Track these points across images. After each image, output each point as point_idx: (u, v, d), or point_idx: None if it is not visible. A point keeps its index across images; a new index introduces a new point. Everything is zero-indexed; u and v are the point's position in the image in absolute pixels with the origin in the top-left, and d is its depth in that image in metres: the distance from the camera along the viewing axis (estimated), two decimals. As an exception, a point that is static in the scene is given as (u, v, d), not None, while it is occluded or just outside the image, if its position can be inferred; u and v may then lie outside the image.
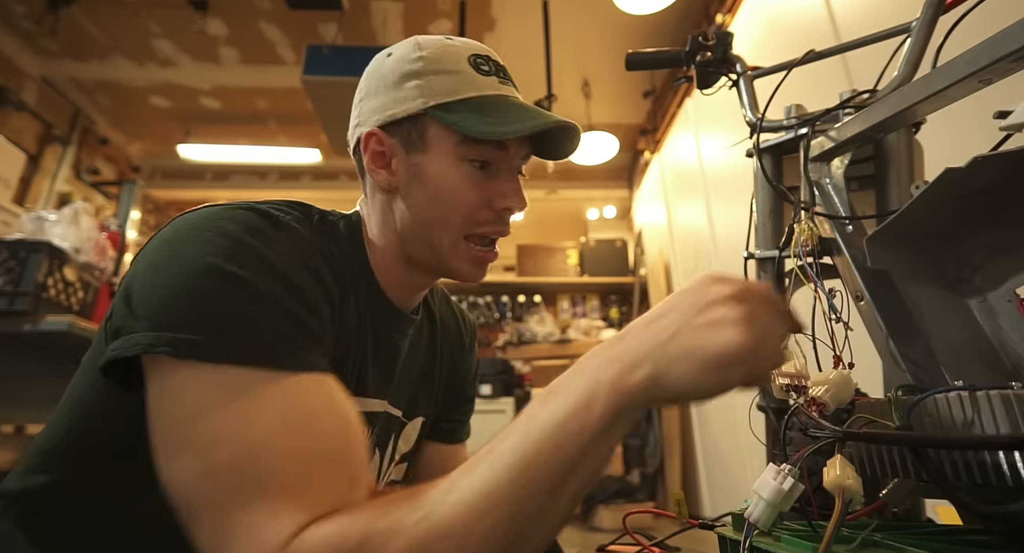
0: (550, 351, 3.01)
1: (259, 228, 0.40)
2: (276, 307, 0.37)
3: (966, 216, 0.40)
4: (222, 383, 0.34)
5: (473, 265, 0.50)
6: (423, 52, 0.49)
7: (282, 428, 0.33)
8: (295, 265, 0.40)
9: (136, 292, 0.37)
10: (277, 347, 0.36)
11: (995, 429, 0.29)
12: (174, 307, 0.35)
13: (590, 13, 2.47)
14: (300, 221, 0.45)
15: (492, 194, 0.49)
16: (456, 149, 0.47)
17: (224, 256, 0.37)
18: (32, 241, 1.40)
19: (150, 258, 0.39)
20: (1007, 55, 0.33)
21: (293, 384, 0.35)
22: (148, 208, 3.75)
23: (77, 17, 2.50)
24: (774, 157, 0.58)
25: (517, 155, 0.50)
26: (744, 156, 0.62)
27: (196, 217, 0.40)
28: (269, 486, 0.31)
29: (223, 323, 0.35)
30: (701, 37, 0.66)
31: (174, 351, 0.34)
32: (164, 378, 0.35)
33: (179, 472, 0.33)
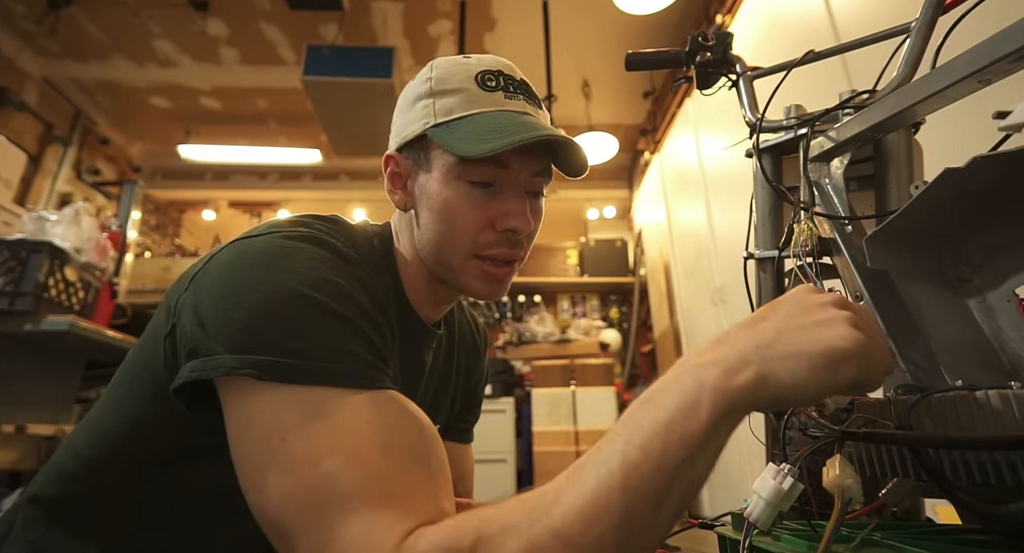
0: (550, 351, 3.01)
1: (324, 256, 0.41)
2: (351, 329, 0.38)
3: (965, 216, 0.40)
4: (304, 403, 0.34)
5: (484, 283, 0.49)
6: (433, 72, 0.50)
7: (368, 441, 0.33)
8: (358, 291, 0.41)
9: (209, 315, 0.37)
10: (354, 367, 0.36)
11: (995, 429, 0.29)
12: (254, 329, 0.36)
13: (590, 13, 2.47)
14: (350, 246, 0.46)
15: (494, 214, 0.48)
16: (454, 169, 0.47)
17: (299, 281, 0.38)
18: (33, 241, 1.41)
19: (217, 280, 0.39)
20: (1006, 55, 0.33)
21: (371, 400, 0.36)
22: (149, 208, 3.75)
23: (77, 17, 2.50)
24: (774, 157, 0.58)
25: (523, 173, 0.48)
26: (744, 156, 0.62)
27: (263, 244, 0.41)
28: (367, 494, 0.31)
29: (302, 345, 0.36)
30: (701, 37, 0.66)
31: (257, 373, 0.34)
32: (245, 400, 0.35)
33: (269, 493, 0.33)
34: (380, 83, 2.26)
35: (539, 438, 2.60)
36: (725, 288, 2.00)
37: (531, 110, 0.49)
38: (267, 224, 0.45)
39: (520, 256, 0.50)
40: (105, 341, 1.52)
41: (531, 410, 2.68)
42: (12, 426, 1.40)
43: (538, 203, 0.51)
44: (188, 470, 0.44)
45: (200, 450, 0.42)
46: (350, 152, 2.94)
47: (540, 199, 0.52)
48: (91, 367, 1.74)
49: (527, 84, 0.51)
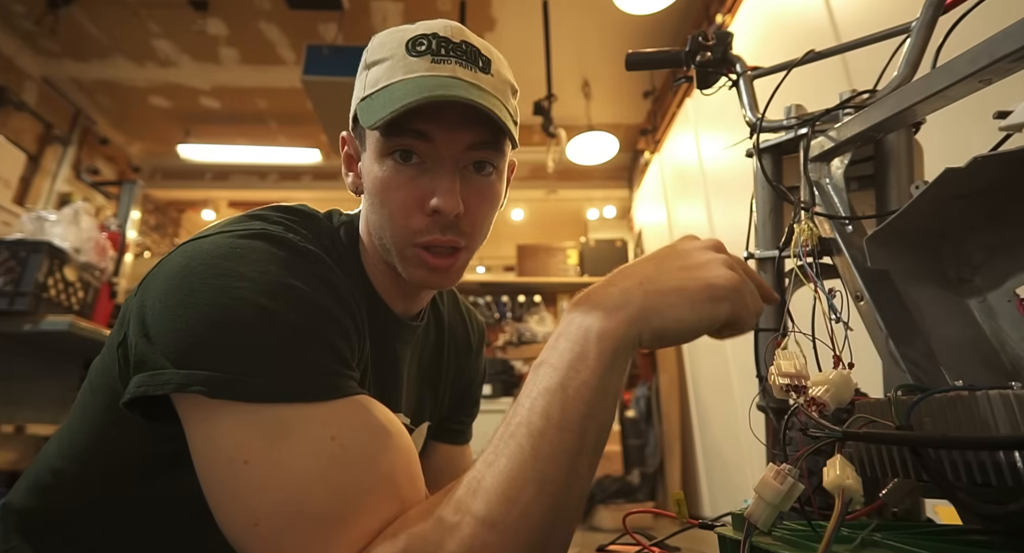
0: (550, 351, 3.01)
1: (279, 256, 0.38)
2: (308, 337, 0.36)
3: (966, 216, 0.40)
4: (259, 423, 0.33)
5: (425, 271, 0.45)
6: (371, 43, 0.47)
7: (326, 462, 0.32)
8: (320, 291, 0.38)
9: (155, 325, 0.35)
10: (311, 379, 0.34)
11: (995, 429, 0.29)
12: (201, 343, 0.33)
13: (590, 13, 2.47)
14: (311, 240, 0.42)
15: (421, 193, 0.43)
16: (379, 144, 0.43)
17: (250, 288, 0.35)
18: (32, 241, 1.40)
19: (166, 287, 0.36)
20: (1007, 55, 0.33)
21: (331, 413, 0.34)
22: (148, 208, 3.75)
23: (77, 17, 2.50)
24: (774, 157, 0.58)
25: (454, 145, 0.43)
26: (744, 156, 0.62)
27: (212, 246, 0.38)
28: (319, 523, 0.31)
29: (253, 359, 0.33)
30: (701, 37, 0.66)
31: (207, 390, 0.32)
32: (200, 420, 0.34)
33: (230, 520, 0.33)
34: (380, 83, 2.25)
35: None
36: (725, 288, 2.00)
37: (465, 73, 0.43)
38: (220, 222, 0.42)
39: (461, 244, 0.45)
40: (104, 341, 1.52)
41: (531, 410, 2.68)
42: (11, 426, 1.40)
43: (483, 180, 0.45)
44: (155, 482, 0.42)
45: (165, 462, 0.40)
46: (350, 152, 2.93)
47: (486, 175, 0.45)
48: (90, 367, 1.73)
49: (470, 45, 0.45)
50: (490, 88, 0.44)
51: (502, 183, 0.49)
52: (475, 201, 0.45)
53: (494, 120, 0.42)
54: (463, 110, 0.41)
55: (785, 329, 0.50)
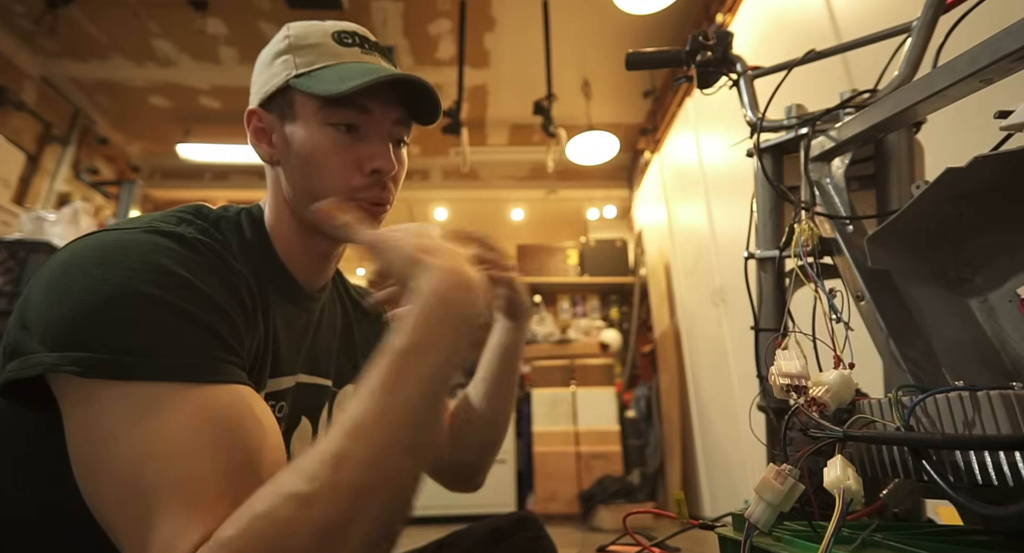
0: (550, 351, 3.01)
1: (165, 246, 0.40)
2: (189, 322, 0.37)
3: (967, 216, 0.39)
4: (131, 402, 0.33)
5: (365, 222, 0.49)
6: (289, 32, 0.52)
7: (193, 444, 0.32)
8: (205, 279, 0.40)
9: (33, 313, 0.36)
10: (188, 360, 0.35)
11: (995, 429, 0.29)
12: (75, 326, 0.34)
13: (590, 13, 2.47)
14: (203, 230, 0.46)
15: (360, 157, 0.49)
16: (318, 114, 0.49)
17: (131, 276, 0.36)
18: (31, 241, 1.40)
19: (47, 279, 0.37)
20: (1008, 55, 0.33)
21: (206, 397, 0.34)
22: (147, 208, 3.75)
23: (76, 17, 2.50)
24: (774, 157, 0.58)
25: (386, 119, 0.50)
26: (744, 156, 0.61)
27: (96, 240, 0.39)
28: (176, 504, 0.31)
29: (131, 341, 0.34)
30: (701, 37, 0.66)
31: (79, 370, 0.33)
32: (75, 401, 0.34)
33: (101, 498, 0.33)
34: (380, 83, 2.25)
35: (539, 438, 2.60)
36: (725, 288, 2.00)
37: (387, 65, 0.52)
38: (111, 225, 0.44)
39: (388, 199, 0.51)
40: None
41: (531, 410, 2.68)
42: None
43: (401, 151, 0.53)
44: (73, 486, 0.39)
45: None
46: (350, 152, 2.93)
47: (403, 148, 0.54)
48: None
49: (382, 46, 0.54)
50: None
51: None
52: (400, 169, 0.53)
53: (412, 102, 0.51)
54: (394, 93, 0.50)
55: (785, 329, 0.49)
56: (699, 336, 2.36)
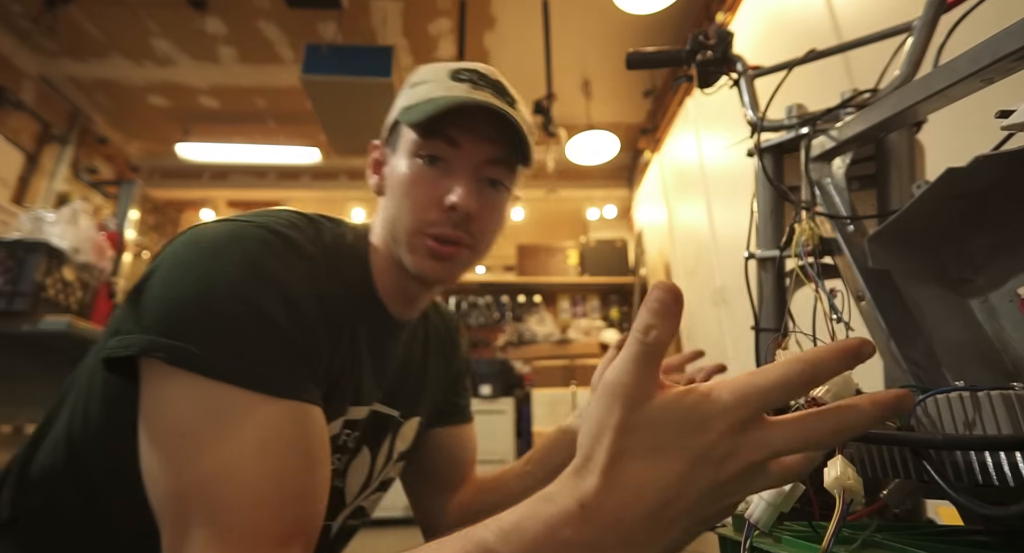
0: (550, 351, 3.01)
1: (275, 250, 0.41)
2: (277, 332, 0.37)
3: (967, 216, 0.39)
4: (207, 400, 0.34)
5: (428, 258, 0.48)
6: (416, 72, 0.53)
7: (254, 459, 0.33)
8: (303, 290, 0.40)
9: (146, 297, 0.37)
10: (271, 372, 0.36)
11: (996, 429, 0.29)
12: (177, 316, 0.35)
13: (590, 13, 2.47)
14: (312, 241, 0.46)
15: (441, 191, 0.48)
16: (411, 146, 0.49)
17: (237, 276, 0.37)
18: (30, 241, 1.40)
19: (166, 267, 0.39)
20: (1009, 54, 0.33)
21: (273, 413, 0.35)
22: (147, 208, 3.74)
23: (75, 16, 2.49)
24: (775, 157, 0.58)
25: (475, 155, 0.48)
26: (745, 156, 0.61)
27: (216, 231, 0.40)
28: (221, 522, 0.32)
29: (221, 340, 0.35)
30: (702, 36, 0.66)
31: (167, 357, 0.34)
32: (157, 384, 0.35)
33: (155, 485, 0.34)
34: (379, 82, 2.25)
35: (539, 438, 2.60)
36: (726, 288, 2.00)
37: (497, 102, 0.48)
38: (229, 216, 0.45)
39: (467, 241, 0.49)
40: (103, 341, 1.51)
41: (531, 410, 2.68)
42: (10, 426, 1.40)
43: (496, 195, 0.50)
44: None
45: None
46: (349, 151, 2.93)
47: (498, 191, 0.50)
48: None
49: (501, 83, 0.51)
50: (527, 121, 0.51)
51: (507, 204, 0.54)
52: (486, 210, 0.49)
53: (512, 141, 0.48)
54: (490, 126, 0.47)
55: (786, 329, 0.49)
56: (699, 336, 2.36)
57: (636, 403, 0.22)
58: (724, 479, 0.22)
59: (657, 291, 0.23)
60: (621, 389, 0.23)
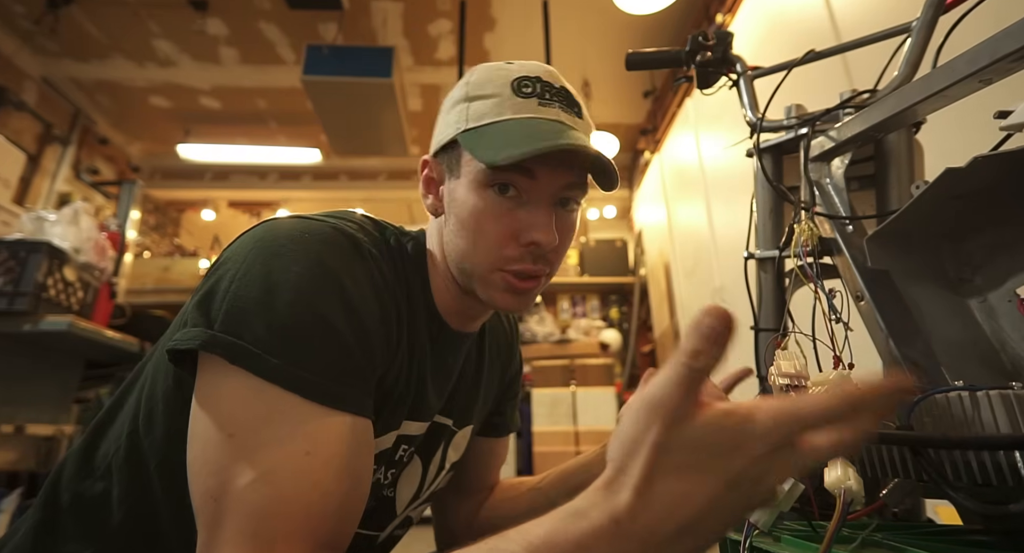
0: (550, 351, 3.01)
1: (345, 255, 0.41)
2: (336, 340, 0.37)
3: (966, 216, 0.39)
4: (263, 403, 0.34)
5: (508, 294, 0.47)
6: (472, 77, 0.49)
7: (298, 471, 0.33)
8: (368, 298, 0.41)
9: (217, 292, 0.38)
10: (327, 381, 0.36)
11: (995, 429, 0.29)
12: (243, 315, 0.36)
13: (590, 13, 2.47)
14: (378, 245, 0.46)
15: (518, 226, 0.45)
16: (480, 175, 0.45)
17: (301, 276, 0.37)
18: (32, 241, 1.40)
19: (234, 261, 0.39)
20: (1007, 55, 0.33)
21: (328, 425, 0.35)
22: (148, 208, 3.75)
23: (77, 17, 2.50)
24: (774, 157, 0.58)
25: (552, 184, 0.45)
26: (744, 156, 0.61)
27: (286, 228, 0.41)
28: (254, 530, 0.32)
29: (281, 344, 0.35)
30: (701, 37, 0.66)
31: (228, 355, 0.34)
32: (212, 380, 0.36)
33: (196, 480, 0.34)
34: (380, 83, 2.26)
35: (539, 438, 2.60)
36: (725, 288, 2.00)
37: (566, 118, 0.47)
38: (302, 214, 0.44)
39: (546, 272, 0.48)
40: (104, 341, 1.52)
41: (531, 410, 2.68)
42: (11, 426, 1.40)
43: (569, 216, 0.48)
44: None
45: None
46: (350, 152, 2.93)
47: (573, 212, 0.49)
48: (90, 367, 1.74)
49: (567, 91, 0.49)
50: (583, 131, 0.48)
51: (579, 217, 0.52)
52: (563, 235, 0.48)
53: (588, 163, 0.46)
54: (568, 153, 0.44)
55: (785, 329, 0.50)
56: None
57: (676, 422, 0.22)
58: (755, 497, 0.23)
59: (710, 318, 0.22)
60: (662, 409, 0.22)
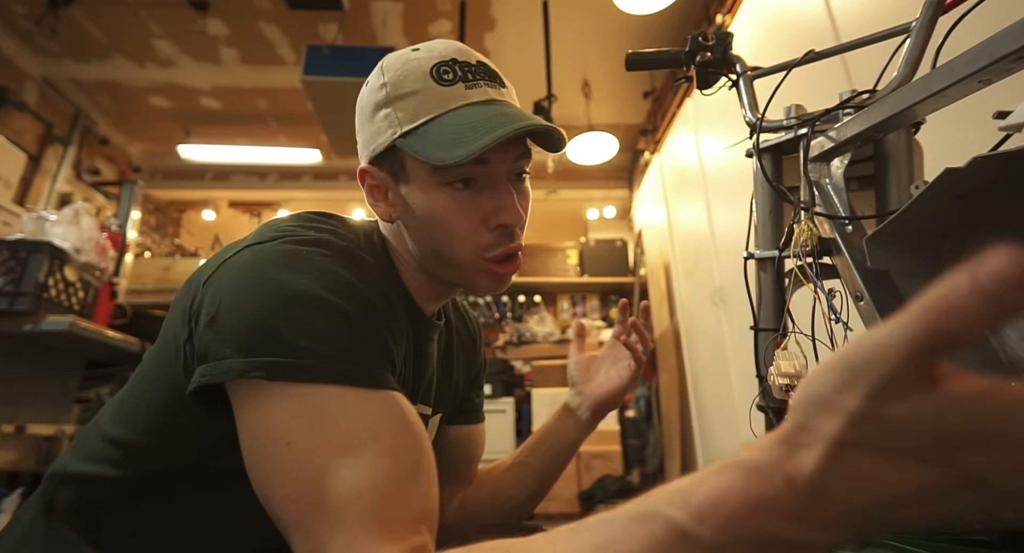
0: (550, 351, 3.01)
1: (339, 261, 0.42)
2: (363, 330, 0.39)
3: (966, 216, 0.40)
4: (310, 405, 0.35)
5: (492, 281, 0.49)
6: (386, 76, 0.47)
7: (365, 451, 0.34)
8: (372, 291, 0.42)
9: (223, 318, 0.37)
10: (361, 367, 0.37)
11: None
12: (266, 332, 0.36)
13: (590, 13, 2.47)
14: (360, 247, 0.46)
15: (484, 212, 0.46)
16: (432, 176, 0.45)
17: (313, 284, 0.38)
18: (33, 241, 1.41)
19: (234, 285, 0.39)
20: (1007, 55, 0.33)
21: (369, 404, 0.36)
22: (148, 208, 3.75)
23: (77, 17, 2.50)
24: (774, 157, 0.58)
25: (504, 164, 0.46)
26: (744, 156, 0.62)
27: (276, 250, 0.41)
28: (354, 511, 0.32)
29: (312, 344, 0.36)
30: (701, 37, 0.66)
31: (267, 375, 0.35)
32: (255, 403, 0.36)
33: (275, 497, 0.35)
34: (380, 83, 2.25)
35: (539, 438, 2.60)
36: (725, 288, 2.00)
37: (495, 93, 0.46)
38: (274, 228, 0.44)
39: (519, 246, 0.49)
40: (105, 341, 1.52)
41: (531, 410, 2.68)
42: (12, 426, 1.40)
43: (523, 186, 0.49)
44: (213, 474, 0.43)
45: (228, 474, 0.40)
46: (350, 152, 2.93)
47: (525, 181, 0.50)
48: (91, 367, 1.74)
49: (485, 64, 0.48)
50: (512, 99, 0.49)
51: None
52: (524, 207, 0.49)
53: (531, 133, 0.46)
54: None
55: (785, 329, 0.50)
56: (699, 336, 2.36)
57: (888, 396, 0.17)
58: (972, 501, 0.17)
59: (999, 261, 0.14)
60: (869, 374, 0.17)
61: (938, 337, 0.16)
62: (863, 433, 0.18)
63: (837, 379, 0.18)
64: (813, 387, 0.19)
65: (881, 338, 0.17)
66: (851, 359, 0.18)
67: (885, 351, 0.17)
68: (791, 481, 0.19)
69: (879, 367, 0.17)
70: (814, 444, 0.18)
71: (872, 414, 0.17)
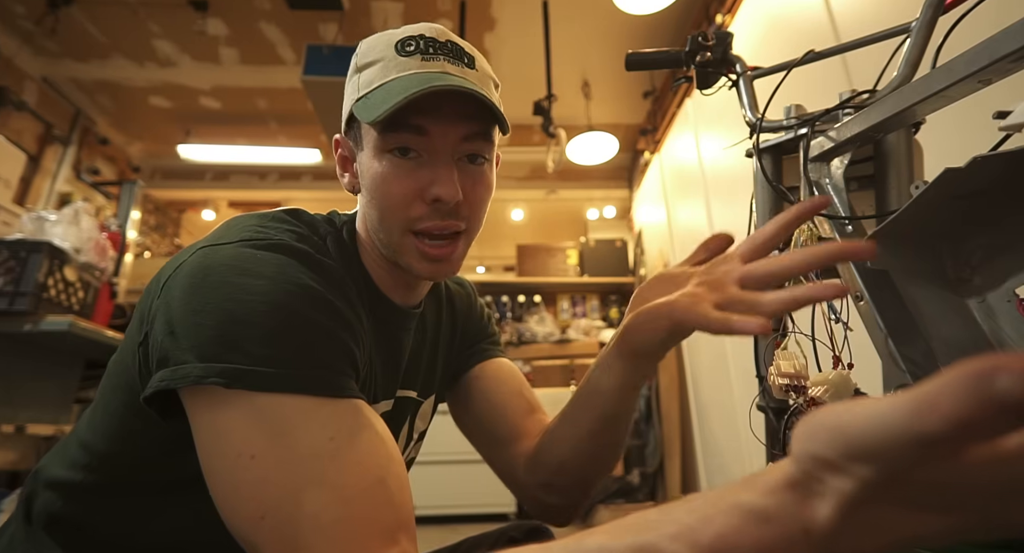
0: (550, 351, 3.01)
1: (295, 264, 0.40)
2: (322, 335, 0.37)
3: (965, 216, 0.40)
4: (270, 416, 0.34)
5: (424, 261, 0.47)
6: (360, 48, 0.48)
7: (328, 463, 0.33)
8: (333, 292, 0.40)
9: (180, 323, 0.36)
10: (321, 375, 0.36)
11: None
12: (223, 337, 0.35)
13: (590, 13, 2.47)
14: (319, 248, 0.44)
15: (420, 184, 0.45)
16: (378, 141, 0.45)
17: (270, 288, 0.37)
18: (32, 241, 1.40)
19: (190, 288, 0.37)
20: (1007, 55, 0.33)
21: (332, 413, 0.35)
22: (148, 208, 3.75)
23: (77, 17, 2.50)
24: (774, 157, 0.58)
25: (448, 138, 0.45)
26: (744, 156, 0.62)
27: (231, 251, 0.40)
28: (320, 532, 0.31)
29: (271, 351, 0.35)
30: (701, 37, 0.66)
31: (224, 381, 0.34)
32: (212, 411, 0.35)
33: (236, 513, 0.33)
34: (380, 83, 2.25)
35: (539, 438, 2.60)
36: (725, 288, 2.00)
37: (453, 69, 0.45)
38: (232, 229, 0.43)
39: (461, 228, 0.47)
40: (104, 341, 1.52)
41: (531, 410, 2.68)
42: (11, 426, 1.40)
43: (477, 169, 0.47)
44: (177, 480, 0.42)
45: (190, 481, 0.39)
46: (350, 152, 2.93)
47: (481, 165, 0.47)
48: (91, 367, 1.74)
49: (456, 44, 0.47)
50: (476, 81, 0.46)
51: (493, 172, 0.51)
52: (471, 188, 0.47)
53: (485, 113, 0.45)
54: (456, 105, 0.44)
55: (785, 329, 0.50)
56: (699, 336, 2.34)
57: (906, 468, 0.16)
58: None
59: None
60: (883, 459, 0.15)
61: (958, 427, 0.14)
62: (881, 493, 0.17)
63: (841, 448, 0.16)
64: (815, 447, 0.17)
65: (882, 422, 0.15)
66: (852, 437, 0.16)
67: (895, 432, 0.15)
68: (808, 532, 0.18)
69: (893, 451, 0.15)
70: (828, 495, 0.18)
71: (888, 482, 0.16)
